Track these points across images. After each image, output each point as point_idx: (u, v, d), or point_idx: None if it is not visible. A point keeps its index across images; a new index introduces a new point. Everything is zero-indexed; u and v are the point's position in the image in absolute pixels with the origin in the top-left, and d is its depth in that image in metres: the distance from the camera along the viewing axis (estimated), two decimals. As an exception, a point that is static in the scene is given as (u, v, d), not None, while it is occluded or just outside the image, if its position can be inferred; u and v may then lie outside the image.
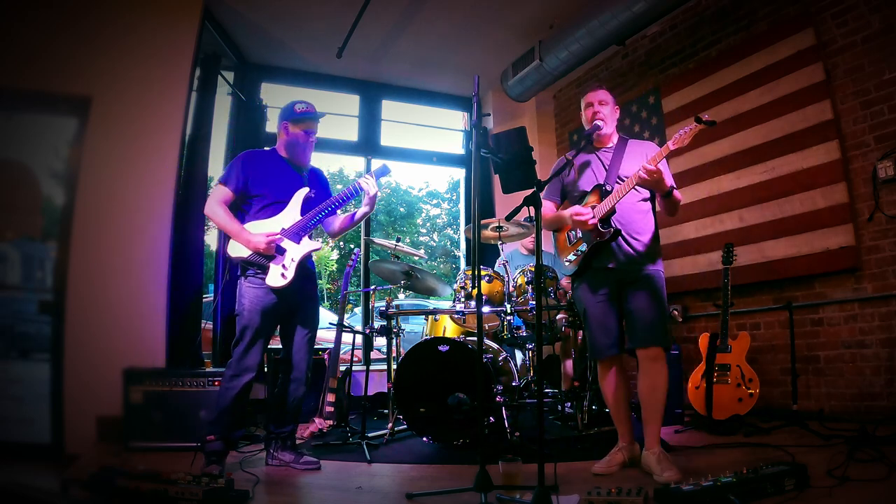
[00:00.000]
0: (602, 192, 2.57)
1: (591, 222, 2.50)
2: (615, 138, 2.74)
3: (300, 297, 2.83)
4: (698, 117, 2.28)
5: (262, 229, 2.71)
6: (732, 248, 3.47)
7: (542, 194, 2.17)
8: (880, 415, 3.07)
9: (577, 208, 2.56)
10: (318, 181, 2.97)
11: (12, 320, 3.70)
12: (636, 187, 2.51)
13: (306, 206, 2.81)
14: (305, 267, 2.83)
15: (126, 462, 2.34)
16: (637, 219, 2.59)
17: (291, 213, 2.78)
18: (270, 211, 2.78)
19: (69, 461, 2.98)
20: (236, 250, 2.72)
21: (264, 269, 2.71)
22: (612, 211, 2.51)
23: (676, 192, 2.54)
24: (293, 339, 2.85)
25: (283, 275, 2.70)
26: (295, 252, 2.74)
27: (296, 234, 2.76)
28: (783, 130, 3.67)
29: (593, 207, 2.55)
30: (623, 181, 2.55)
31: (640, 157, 2.62)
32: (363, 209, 2.91)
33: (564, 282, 3.61)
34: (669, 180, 2.54)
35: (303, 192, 2.82)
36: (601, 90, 2.72)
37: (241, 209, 2.82)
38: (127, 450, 3.11)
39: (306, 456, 2.80)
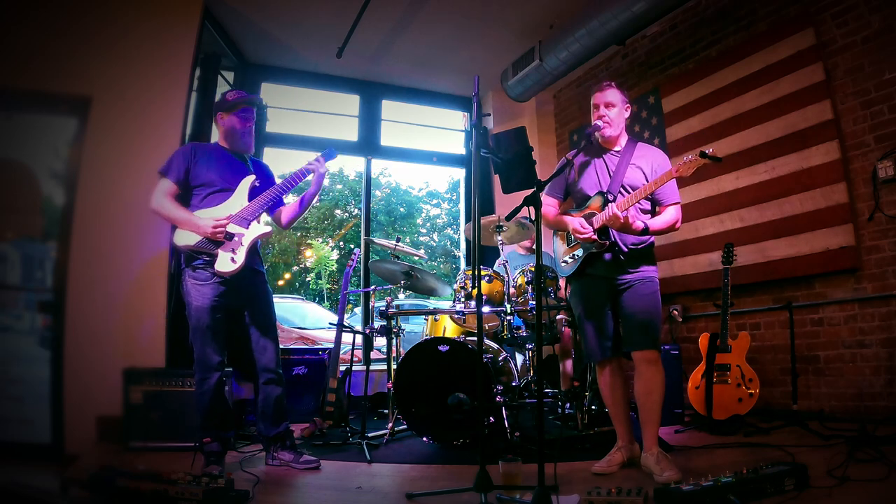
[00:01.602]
0: (604, 199, 2.55)
1: (592, 238, 2.51)
2: (624, 140, 2.67)
3: (249, 295, 2.77)
4: (703, 152, 2.28)
5: (209, 216, 2.66)
6: (732, 248, 3.47)
7: (543, 191, 2.16)
8: (880, 415, 3.07)
9: (578, 224, 2.54)
10: (261, 170, 2.94)
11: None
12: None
13: (253, 194, 2.78)
14: (255, 259, 2.79)
15: (126, 462, 2.33)
16: None
17: (238, 200, 2.74)
18: (217, 199, 2.73)
19: (69, 461, 2.98)
20: (182, 239, 2.65)
21: (212, 258, 2.65)
22: None
23: (666, 216, 2.56)
24: (253, 344, 2.78)
25: (232, 259, 2.64)
26: (244, 237, 2.69)
27: (244, 219, 2.71)
28: (783, 130, 3.67)
29: (592, 215, 2.55)
30: (626, 191, 2.55)
31: (647, 166, 2.60)
32: (311, 189, 2.89)
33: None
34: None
35: (249, 180, 2.79)
36: (609, 89, 2.62)
37: (186, 201, 2.76)
38: (127, 450, 3.11)
39: (306, 455, 2.79)
